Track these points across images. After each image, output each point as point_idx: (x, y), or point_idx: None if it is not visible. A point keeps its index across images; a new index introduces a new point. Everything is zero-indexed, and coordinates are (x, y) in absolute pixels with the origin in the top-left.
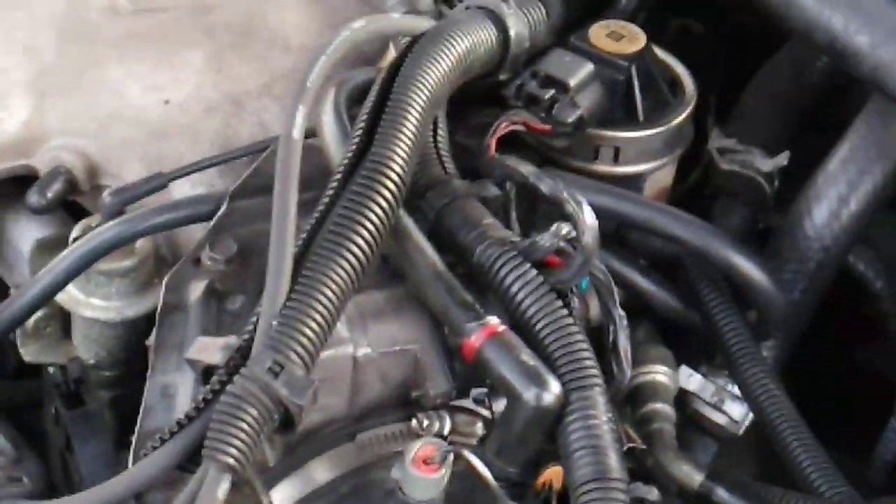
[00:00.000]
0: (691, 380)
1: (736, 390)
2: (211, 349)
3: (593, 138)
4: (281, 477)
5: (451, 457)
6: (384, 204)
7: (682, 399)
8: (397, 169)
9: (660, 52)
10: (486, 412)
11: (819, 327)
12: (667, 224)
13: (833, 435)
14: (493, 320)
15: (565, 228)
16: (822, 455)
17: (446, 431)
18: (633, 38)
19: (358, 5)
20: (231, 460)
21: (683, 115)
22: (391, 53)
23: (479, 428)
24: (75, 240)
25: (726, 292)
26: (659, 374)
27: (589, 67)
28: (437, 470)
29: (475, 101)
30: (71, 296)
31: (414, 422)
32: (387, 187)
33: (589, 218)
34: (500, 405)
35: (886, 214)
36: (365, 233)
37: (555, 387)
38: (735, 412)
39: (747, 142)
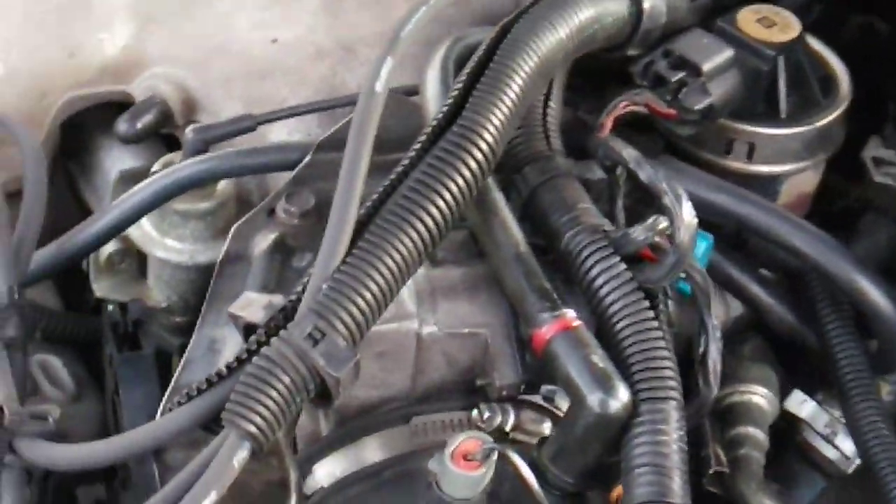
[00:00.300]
0: (804, 406)
1: None
2: (254, 306)
3: (727, 130)
4: (331, 449)
5: (495, 455)
6: (467, 174)
7: (793, 426)
8: (488, 137)
9: (817, 46)
10: (558, 411)
11: None
12: (789, 233)
13: None
14: (570, 314)
15: (663, 223)
16: None
17: (508, 427)
18: (785, 27)
19: None
20: (253, 428)
21: (831, 117)
22: None
23: (547, 427)
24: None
25: (849, 316)
26: (756, 395)
27: (728, 53)
28: (478, 468)
29: (610, 76)
30: (145, 233)
31: (475, 412)
32: (473, 156)
33: (687, 214)
34: None
35: None
36: (441, 202)
37: (623, 394)
38: (848, 448)
39: None
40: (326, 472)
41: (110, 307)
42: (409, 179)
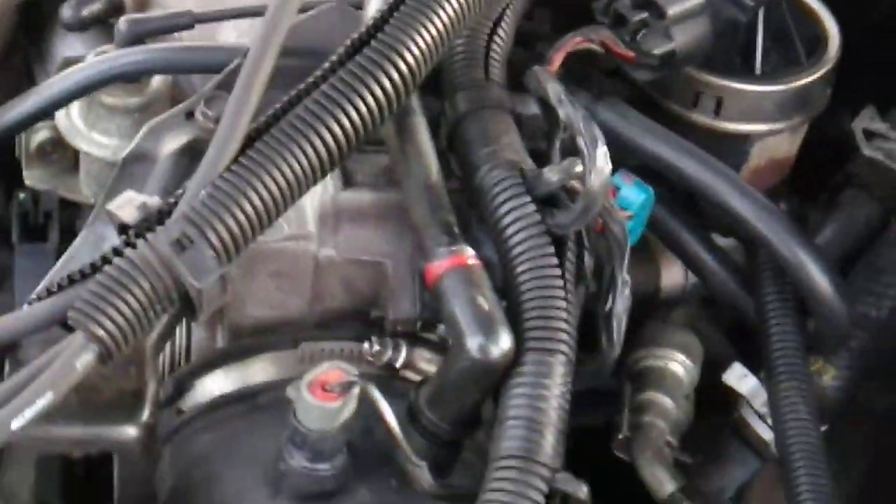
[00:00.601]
0: (744, 381)
1: None
2: (130, 206)
3: (694, 82)
4: (216, 366)
5: (356, 389)
6: (378, 92)
7: (734, 401)
8: (409, 57)
9: (812, 3)
10: None
11: None
12: (729, 196)
13: None
14: (467, 251)
15: (578, 166)
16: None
17: (399, 363)
18: None
19: None
20: (101, 331)
21: (809, 79)
22: None
23: None
24: None
25: (789, 291)
26: (673, 361)
27: None
28: (335, 399)
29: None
30: (72, 124)
31: (366, 344)
32: (388, 75)
33: (600, 159)
34: None
35: None
36: (344, 119)
37: (504, 341)
38: None
39: None
40: (207, 389)
41: (21, 195)
42: (315, 92)
